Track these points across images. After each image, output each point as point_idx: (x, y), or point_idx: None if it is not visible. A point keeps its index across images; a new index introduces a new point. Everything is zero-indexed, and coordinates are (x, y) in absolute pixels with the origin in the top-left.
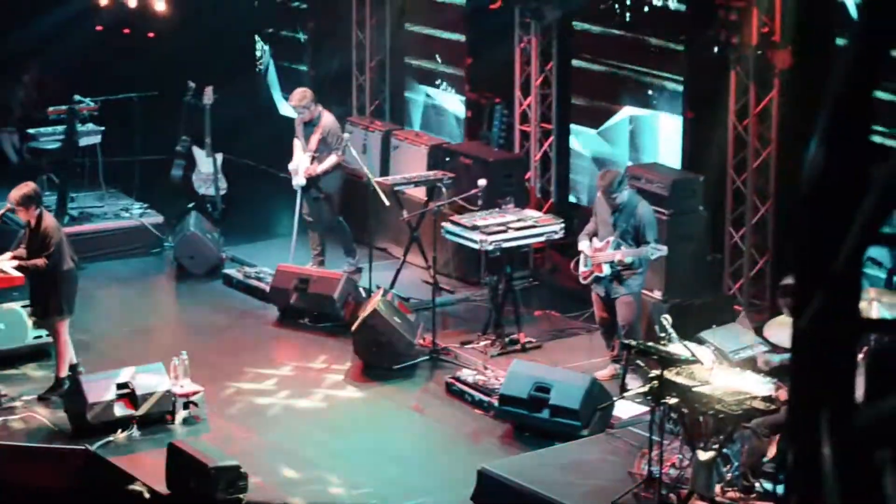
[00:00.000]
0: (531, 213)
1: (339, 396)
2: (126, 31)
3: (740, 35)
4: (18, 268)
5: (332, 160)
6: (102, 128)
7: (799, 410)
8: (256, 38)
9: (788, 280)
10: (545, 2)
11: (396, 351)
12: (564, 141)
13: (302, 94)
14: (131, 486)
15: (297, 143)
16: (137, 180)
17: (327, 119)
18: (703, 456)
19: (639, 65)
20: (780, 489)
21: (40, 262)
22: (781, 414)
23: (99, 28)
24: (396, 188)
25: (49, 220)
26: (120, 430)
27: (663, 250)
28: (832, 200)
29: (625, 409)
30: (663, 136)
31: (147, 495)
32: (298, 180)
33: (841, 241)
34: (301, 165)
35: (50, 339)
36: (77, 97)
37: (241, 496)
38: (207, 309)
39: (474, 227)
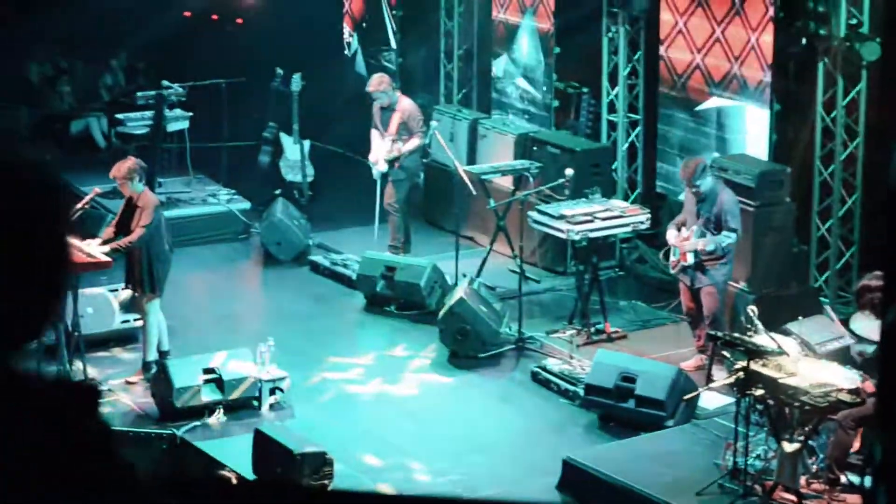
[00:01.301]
0: (618, 203)
1: (425, 384)
2: (214, 17)
3: (828, 26)
4: (112, 250)
5: (414, 142)
6: (190, 113)
7: (888, 403)
8: (344, 24)
9: (865, 281)
10: None
11: (482, 339)
12: (652, 131)
13: (380, 79)
14: (221, 472)
15: (375, 133)
16: (225, 166)
17: (406, 103)
18: (789, 448)
19: (726, 55)
20: (866, 482)
21: (135, 235)
22: (867, 407)
23: (187, 14)
24: (483, 177)
25: (150, 196)
26: (207, 416)
27: (732, 237)
28: None
29: (710, 399)
30: (750, 127)
31: (235, 481)
32: (379, 168)
33: None
34: (381, 152)
35: (137, 324)
36: (165, 83)
37: (326, 482)
38: (294, 295)
39: (561, 217)
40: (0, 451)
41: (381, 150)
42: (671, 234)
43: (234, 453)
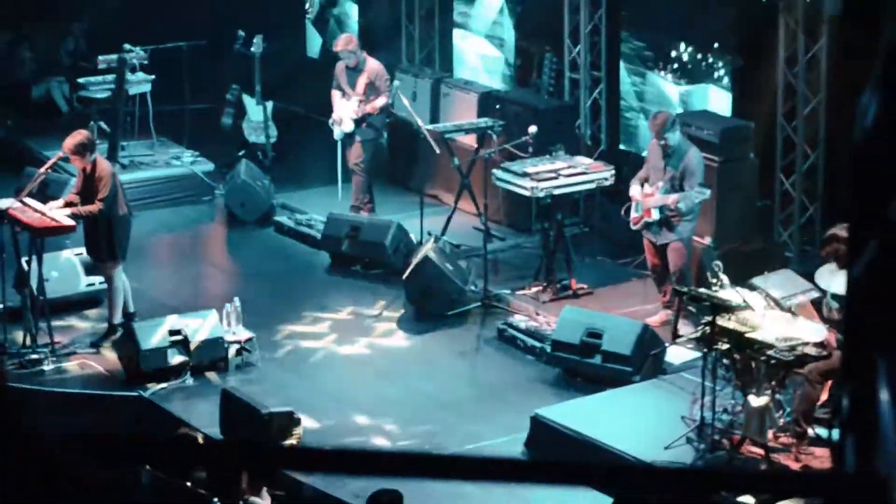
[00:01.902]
0: (582, 160)
1: (391, 343)
2: None
3: None
4: (72, 215)
5: (381, 101)
6: (152, 76)
7: (854, 356)
8: None
9: (835, 230)
10: None
11: (448, 298)
12: (614, 88)
13: (347, 39)
14: (181, 430)
15: (336, 94)
16: (187, 128)
17: (373, 63)
18: (756, 402)
19: (687, 11)
20: (833, 435)
21: (94, 207)
22: (834, 360)
23: None
24: (447, 135)
25: (104, 165)
26: (173, 377)
27: (706, 193)
28: (886, 147)
29: (677, 354)
30: (712, 83)
31: (201, 441)
32: (343, 128)
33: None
34: (346, 112)
35: (102, 287)
36: (127, 46)
37: (294, 441)
38: (259, 256)
39: (525, 174)
40: None
41: (346, 109)
42: (635, 190)
43: (201, 414)
